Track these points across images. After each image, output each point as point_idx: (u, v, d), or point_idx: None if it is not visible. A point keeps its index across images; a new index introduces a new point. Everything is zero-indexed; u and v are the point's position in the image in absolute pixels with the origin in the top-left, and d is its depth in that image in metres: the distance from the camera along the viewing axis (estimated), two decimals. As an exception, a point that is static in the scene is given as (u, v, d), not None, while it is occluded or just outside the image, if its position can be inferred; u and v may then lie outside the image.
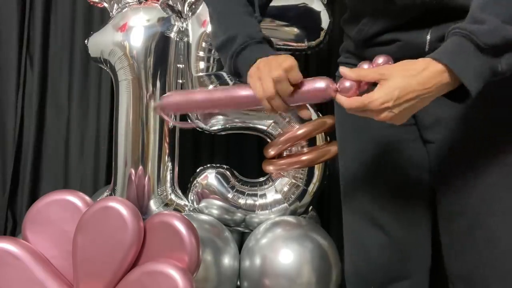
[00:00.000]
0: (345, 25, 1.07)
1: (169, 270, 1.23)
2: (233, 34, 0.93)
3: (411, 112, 0.79)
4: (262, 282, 1.49)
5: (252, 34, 0.93)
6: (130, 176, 1.61)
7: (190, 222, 1.33)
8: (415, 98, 0.77)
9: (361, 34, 0.97)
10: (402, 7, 0.88)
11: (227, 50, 0.94)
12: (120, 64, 1.59)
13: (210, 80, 1.58)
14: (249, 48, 0.91)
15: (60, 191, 1.40)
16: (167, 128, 1.62)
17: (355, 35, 0.99)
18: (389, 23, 0.92)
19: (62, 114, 2.06)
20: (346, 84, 0.81)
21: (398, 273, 1.02)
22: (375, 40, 0.96)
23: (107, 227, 1.27)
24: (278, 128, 1.59)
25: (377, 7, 0.92)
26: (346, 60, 1.07)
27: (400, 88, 0.76)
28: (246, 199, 1.62)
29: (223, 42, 0.94)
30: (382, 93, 0.77)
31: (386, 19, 0.92)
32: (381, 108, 0.77)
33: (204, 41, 1.56)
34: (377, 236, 1.02)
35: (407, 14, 0.89)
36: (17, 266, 1.29)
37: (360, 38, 0.98)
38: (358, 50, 1.01)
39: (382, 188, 1.01)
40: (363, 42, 0.98)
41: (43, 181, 2.08)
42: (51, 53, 2.05)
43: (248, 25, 0.96)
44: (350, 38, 1.04)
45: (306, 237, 1.51)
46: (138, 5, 1.63)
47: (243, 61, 0.91)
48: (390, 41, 0.93)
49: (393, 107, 0.77)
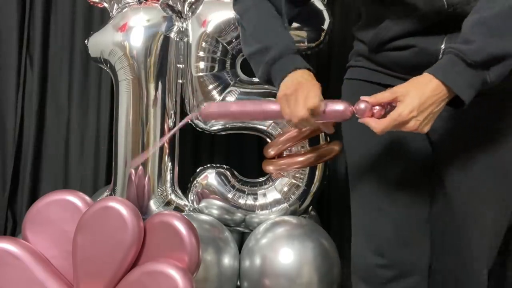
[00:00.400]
0: (359, 30, 1.13)
1: (169, 270, 1.23)
2: (268, 44, 1.04)
3: (433, 118, 0.90)
4: (262, 282, 1.49)
5: (288, 46, 1.04)
6: (130, 176, 1.61)
7: (190, 222, 1.33)
8: (432, 104, 0.89)
9: (378, 37, 1.03)
10: (422, 13, 0.96)
11: (261, 58, 1.04)
12: (120, 64, 1.59)
13: (210, 80, 1.58)
14: (285, 58, 1.02)
15: (60, 191, 1.40)
16: (167, 128, 1.62)
17: (372, 38, 1.05)
18: (407, 28, 0.99)
19: (62, 114, 2.06)
20: (361, 106, 0.92)
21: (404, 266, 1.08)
22: (391, 44, 1.02)
23: (107, 227, 1.27)
24: (278, 128, 1.59)
25: (398, 12, 0.99)
26: (357, 64, 1.13)
27: (419, 97, 0.88)
28: (246, 199, 1.62)
29: (258, 50, 1.05)
30: (405, 105, 0.88)
31: (404, 24, 0.99)
32: (408, 118, 0.88)
33: (204, 41, 1.56)
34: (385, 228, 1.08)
35: (425, 21, 0.97)
36: (17, 266, 1.29)
37: (377, 41, 1.04)
38: (371, 54, 1.07)
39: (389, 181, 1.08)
40: (379, 45, 1.04)
41: (43, 181, 2.08)
42: (51, 53, 2.05)
43: (284, 37, 1.06)
44: (362, 43, 1.10)
45: (306, 237, 1.52)
46: (138, 5, 1.63)
47: (278, 70, 1.02)
48: (406, 46, 1.00)
49: (417, 115, 0.88)
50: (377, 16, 1.04)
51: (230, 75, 1.61)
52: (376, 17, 1.04)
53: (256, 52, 1.06)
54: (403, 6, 0.97)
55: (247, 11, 1.12)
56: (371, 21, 1.06)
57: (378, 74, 1.07)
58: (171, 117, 1.63)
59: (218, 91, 1.58)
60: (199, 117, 1.08)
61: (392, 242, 1.07)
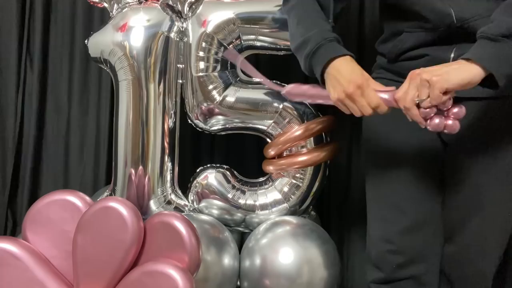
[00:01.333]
0: (380, 45, 1.25)
1: (169, 270, 1.23)
2: (308, 36, 1.09)
3: (449, 74, 0.94)
4: (262, 282, 1.49)
5: (324, 34, 1.07)
6: (130, 176, 1.61)
7: (190, 222, 1.33)
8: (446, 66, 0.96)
9: (396, 48, 1.16)
10: (434, 27, 1.08)
11: (302, 51, 1.10)
12: (120, 64, 1.59)
13: (210, 80, 1.58)
14: (323, 48, 1.06)
15: (60, 191, 1.40)
16: (167, 128, 1.62)
17: (391, 49, 1.17)
18: (421, 40, 1.11)
19: (62, 114, 2.06)
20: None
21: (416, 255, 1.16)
22: (408, 54, 1.14)
23: (107, 227, 1.27)
24: (278, 128, 1.59)
25: (414, 26, 1.12)
26: (378, 75, 1.22)
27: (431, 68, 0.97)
28: (246, 199, 1.62)
29: (300, 44, 1.11)
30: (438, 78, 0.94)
31: (419, 36, 1.12)
32: (416, 74, 0.96)
33: (204, 41, 1.56)
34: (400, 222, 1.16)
35: (436, 33, 1.09)
36: (17, 266, 1.29)
37: (395, 52, 1.16)
38: (390, 64, 1.19)
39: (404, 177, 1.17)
40: (397, 56, 1.16)
41: (43, 181, 2.08)
42: (51, 53, 2.05)
43: (321, 26, 1.10)
44: (383, 56, 1.22)
45: (306, 237, 1.51)
46: (138, 5, 1.63)
47: (317, 61, 1.07)
48: (420, 55, 1.12)
49: (425, 71, 0.95)
50: (396, 30, 1.17)
51: (230, 75, 1.61)
52: (395, 31, 1.17)
53: (298, 47, 1.12)
54: (417, 21, 1.10)
55: (292, 9, 1.18)
56: (391, 35, 1.19)
57: (396, 83, 1.11)
58: (171, 117, 1.63)
59: (218, 91, 1.58)
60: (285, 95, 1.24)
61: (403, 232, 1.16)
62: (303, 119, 1.58)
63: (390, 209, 1.18)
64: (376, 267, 1.20)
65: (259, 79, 1.34)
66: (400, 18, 1.14)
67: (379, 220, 1.21)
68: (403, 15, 1.13)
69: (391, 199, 1.18)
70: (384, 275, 1.19)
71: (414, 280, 1.17)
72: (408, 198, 1.16)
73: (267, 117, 1.57)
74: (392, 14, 1.18)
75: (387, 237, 1.17)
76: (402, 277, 1.17)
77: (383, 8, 1.26)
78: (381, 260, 1.19)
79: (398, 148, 1.17)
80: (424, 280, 1.17)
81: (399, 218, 1.16)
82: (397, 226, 1.16)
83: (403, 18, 1.13)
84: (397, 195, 1.17)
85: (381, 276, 1.19)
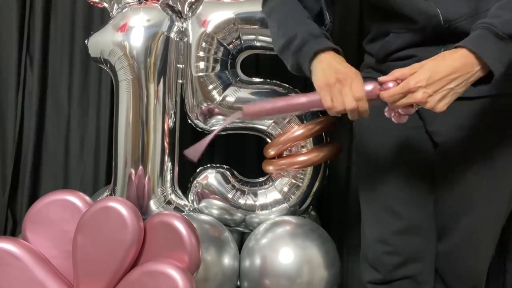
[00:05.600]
0: (367, 44, 1.22)
1: (169, 270, 1.23)
2: (292, 34, 1.05)
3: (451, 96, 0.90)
4: (262, 282, 1.49)
5: (311, 31, 1.04)
6: (130, 176, 1.61)
7: (190, 222, 1.33)
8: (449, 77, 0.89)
9: (384, 48, 1.13)
10: (421, 28, 1.06)
11: (288, 49, 1.06)
12: (120, 64, 1.59)
13: (210, 80, 1.58)
14: (309, 43, 1.02)
15: (60, 191, 1.40)
16: (167, 128, 1.62)
17: (378, 49, 1.15)
18: (409, 40, 1.09)
19: (62, 114, 2.06)
20: (389, 84, 0.93)
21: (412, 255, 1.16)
22: (395, 55, 1.12)
23: (107, 227, 1.27)
24: (278, 128, 1.59)
25: (401, 26, 1.09)
26: (366, 75, 1.18)
27: (431, 70, 0.89)
28: (246, 199, 1.62)
29: (284, 44, 1.07)
30: (414, 76, 0.89)
31: (407, 37, 1.09)
32: (416, 87, 0.89)
33: (204, 41, 1.56)
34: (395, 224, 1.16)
35: (424, 34, 1.06)
36: (17, 266, 1.29)
37: (383, 52, 1.14)
38: (378, 65, 1.17)
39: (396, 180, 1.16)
40: (384, 56, 1.14)
41: (43, 181, 2.08)
42: (51, 53, 2.05)
43: (307, 24, 1.08)
44: (371, 55, 1.20)
45: (306, 237, 1.52)
46: (138, 5, 1.63)
47: (304, 56, 1.02)
48: (408, 56, 1.09)
49: (426, 86, 0.88)
50: (383, 31, 1.14)
51: (230, 75, 1.61)
52: (382, 32, 1.14)
53: (283, 47, 1.08)
54: (404, 22, 1.07)
55: (273, 10, 1.15)
56: (378, 35, 1.16)
57: None
58: (171, 117, 1.63)
59: (218, 91, 1.58)
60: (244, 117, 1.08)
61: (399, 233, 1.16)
62: (303, 119, 1.58)
63: (384, 212, 1.17)
64: (372, 268, 1.20)
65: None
66: (386, 19, 1.12)
67: (374, 222, 1.21)
68: (389, 16, 1.10)
69: (384, 202, 1.17)
70: (381, 276, 1.19)
71: (411, 280, 1.17)
72: (402, 200, 1.16)
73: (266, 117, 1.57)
74: (377, 15, 1.15)
75: (383, 239, 1.17)
76: (398, 277, 1.17)
77: (368, 8, 1.22)
78: (377, 262, 1.19)
79: (389, 150, 1.16)
80: (421, 279, 1.17)
81: (393, 220, 1.16)
82: (392, 227, 1.16)
83: (389, 19, 1.11)
84: (390, 198, 1.16)
85: (378, 277, 1.19)
